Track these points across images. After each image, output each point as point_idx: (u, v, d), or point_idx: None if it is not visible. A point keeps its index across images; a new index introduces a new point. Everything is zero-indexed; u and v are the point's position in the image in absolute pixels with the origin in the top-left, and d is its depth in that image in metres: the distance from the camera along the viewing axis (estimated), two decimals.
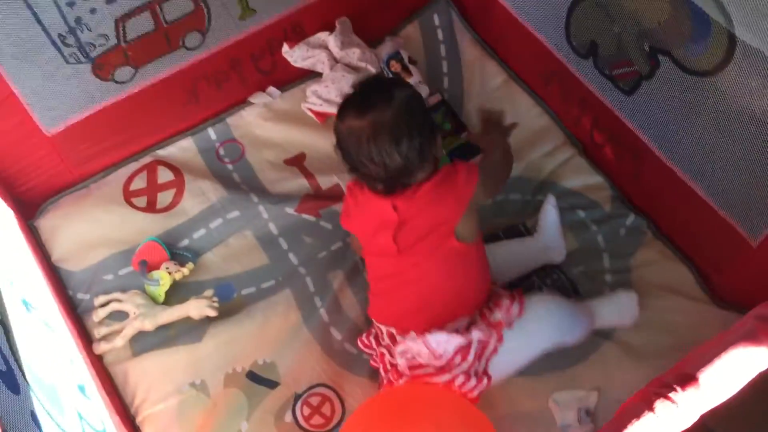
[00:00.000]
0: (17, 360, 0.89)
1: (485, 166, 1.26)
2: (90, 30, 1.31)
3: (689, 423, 0.62)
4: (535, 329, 1.23)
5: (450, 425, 1.11)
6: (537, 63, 1.58)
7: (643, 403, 0.59)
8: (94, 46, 1.35)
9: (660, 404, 0.58)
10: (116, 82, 1.43)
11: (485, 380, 1.21)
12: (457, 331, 1.19)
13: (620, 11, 1.30)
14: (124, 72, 1.43)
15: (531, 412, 1.28)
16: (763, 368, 0.65)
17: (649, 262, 1.43)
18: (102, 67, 1.39)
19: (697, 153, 1.32)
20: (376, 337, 1.29)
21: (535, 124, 1.60)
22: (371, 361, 1.31)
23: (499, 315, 1.21)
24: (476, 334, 1.18)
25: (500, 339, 1.20)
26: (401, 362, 1.21)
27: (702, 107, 1.25)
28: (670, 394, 0.59)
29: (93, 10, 1.29)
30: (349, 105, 1.18)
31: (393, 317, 1.24)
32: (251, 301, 1.41)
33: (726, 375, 0.61)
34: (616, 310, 1.33)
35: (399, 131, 1.13)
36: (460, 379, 1.18)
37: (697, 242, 1.42)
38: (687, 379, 0.59)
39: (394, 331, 1.23)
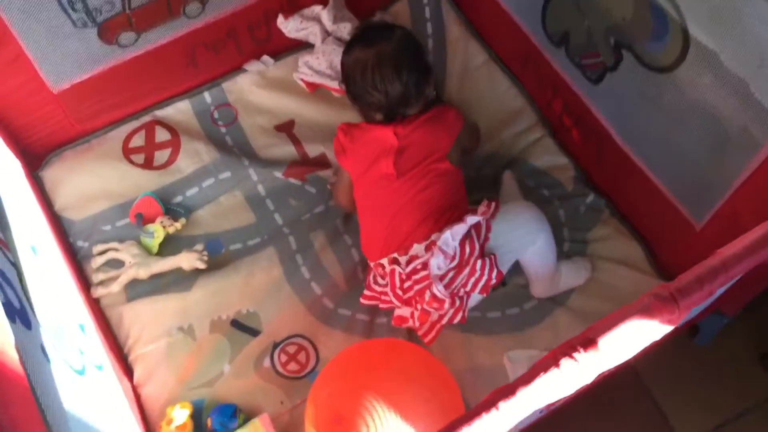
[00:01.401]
0: (28, 299, 1.01)
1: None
2: None
3: (588, 378, 0.75)
4: (511, 220, 1.36)
5: (415, 372, 1.23)
6: (516, 46, 1.68)
7: (551, 360, 0.72)
8: (101, 11, 1.44)
9: (564, 361, 0.71)
10: (120, 45, 1.52)
11: (495, 269, 1.32)
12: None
13: (590, 5, 1.40)
14: (127, 36, 1.52)
15: (487, 366, 1.41)
16: (653, 338, 0.78)
17: (604, 237, 1.55)
18: (107, 31, 1.48)
19: (652, 141, 1.43)
20: (374, 280, 1.39)
21: (510, 104, 1.70)
22: (380, 306, 1.40)
23: (481, 209, 1.34)
24: (470, 219, 1.30)
25: (488, 228, 1.33)
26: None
27: (658, 100, 1.36)
28: (574, 354, 0.71)
29: None
30: (356, 40, 1.39)
31: (396, 242, 1.34)
32: (238, 256, 1.53)
33: (621, 341, 0.73)
34: (573, 270, 1.47)
35: (400, 62, 1.33)
36: (479, 264, 1.30)
37: (649, 222, 1.54)
38: (589, 342, 0.72)
39: (396, 255, 1.33)
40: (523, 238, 1.38)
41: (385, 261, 1.35)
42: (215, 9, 1.58)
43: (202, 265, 1.49)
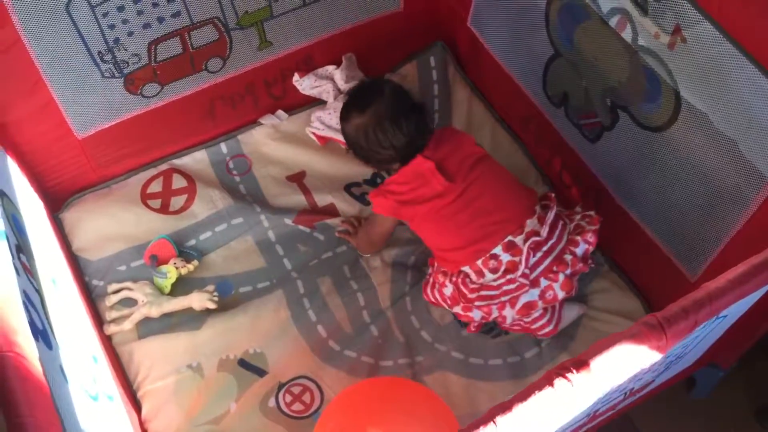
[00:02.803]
0: (50, 323, 1.06)
1: None
2: (126, 50, 1.50)
3: (581, 398, 0.79)
4: None
5: (418, 409, 1.27)
6: (518, 107, 1.77)
7: (545, 381, 0.76)
8: (128, 63, 1.53)
9: (558, 381, 0.75)
10: (143, 96, 1.62)
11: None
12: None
13: (588, 69, 1.49)
14: (151, 88, 1.61)
15: None
16: (642, 363, 0.82)
17: (602, 290, 1.60)
18: (132, 82, 1.57)
19: (647, 197, 1.50)
20: (471, 285, 1.40)
21: (513, 163, 1.77)
22: (500, 301, 1.39)
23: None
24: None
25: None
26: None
27: (653, 158, 1.43)
28: (568, 375, 0.76)
29: (130, 33, 1.48)
30: (350, 108, 1.48)
31: (497, 230, 1.38)
32: (247, 298, 1.58)
33: (612, 364, 0.78)
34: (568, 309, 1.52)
35: (396, 115, 1.42)
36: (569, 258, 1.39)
37: (645, 275, 1.59)
38: (582, 364, 0.76)
39: (511, 237, 1.37)
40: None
41: (497, 249, 1.37)
42: (235, 65, 1.68)
43: (212, 306, 1.54)
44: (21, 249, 1.12)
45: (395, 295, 1.59)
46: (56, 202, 1.68)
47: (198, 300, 1.54)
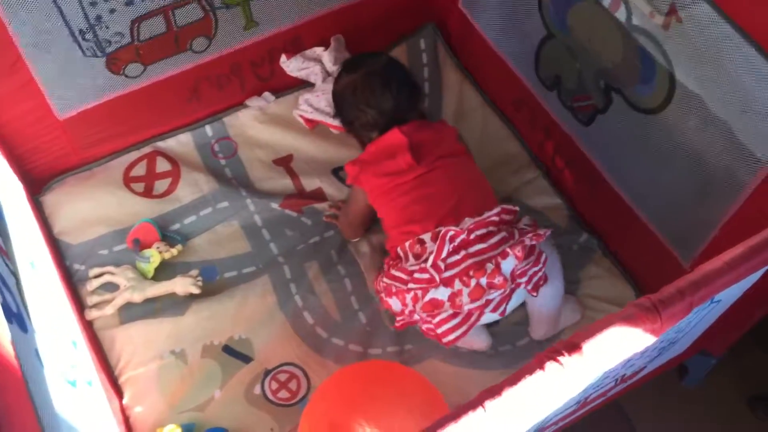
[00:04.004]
0: (26, 306, 1.02)
1: None
2: (107, 28, 1.46)
3: (573, 382, 0.77)
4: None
5: (409, 392, 1.24)
6: (509, 90, 1.74)
7: (537, 364, 0.74)
8: (110, 42, 1.49)
9: (549, 365, 0.73)
10: (126, 76, 1.57)
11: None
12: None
13: (581, 51, 1.46)
14: (134, 68, 1.57)
15: None
16: (636, 347, 0.80)
17: (596, 276, 1.58)
18: (115, 62, 1.53)
19: (641, 181, 1.48)
20: (400, 265, 1.36)
21: (504, 146, 1.75)
22: (407, 287, 1.33)
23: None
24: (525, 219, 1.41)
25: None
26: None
27: (647, 141, 1.41)
28: (559, 358, 0.73)
29: (112, 11, 1.43)
30: (343, 69, 1.49)
31: (437, 219, 1.33)
32: (232, 283, 1.55)
33: (604, 347, 0.75)
34: (569, 310, 1.49)
35: (388, 78, 1.43)
36: (543, 258, 1.34)
37: (639, 262, 1.57)
38: (574, 347, 0.74)
39: (441, 228, 1.30)
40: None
41: (426, 236, 1.33)
42: (221, 45, 1.64)
43: (196, 290, 1.51)
44: None
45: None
46: (36, 185, 1.64)
47: (181, 285, 1.51)
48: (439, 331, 1.36)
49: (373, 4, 1.77)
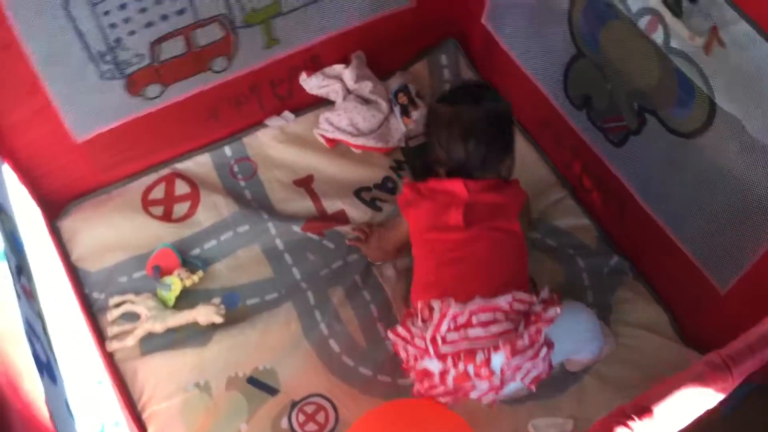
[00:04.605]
0: (53, 351, 0.98)
1: None
2: (127, 50, 1.42)
3: None
4: (572, 328, 1.32)
5: None
6: (534, 108, 1.69)
7: (603, 429, 0.70)
8: (130, 64, 1.45)
9: (619, 430, 0.69)
10: (145, 97, 1.53)
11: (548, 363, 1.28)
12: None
13: (614, 71, 1.42)
14: (153, 89, 1.53)
15: None
16: (707, 406, 0.76)
17: (628, 301, 1.53)
18: (134, 84, 1.49)
19: (676, 205, 1.43)
20: (411, 321, 1.31)
21: (530, 165, 1.71)
22: (407, 349, 1.30)
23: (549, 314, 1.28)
24: (537, 306, 1.28)
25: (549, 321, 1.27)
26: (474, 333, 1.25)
27: (683, 164, 1.37)
28: (629, 422, 0.70)
29: (132, 32, 1.40)
30: (450, 93, 1.40)
31: (454, 289, 1.28)
32: (255, 311, 1.51)
33: (676, 409, 0.72)
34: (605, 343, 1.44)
35: (472, 130, 1.31)
36: (542, 354, 1.25)
37: (672, 286, 1.53)
38: (643, 410, 0.70)
39: (451, 300, 1.26)
40: (580, 344, 1.37)
41: (436, 303, 1.28)
42: (241, 65, 1.60)
43: (219, 319, 1.47)
44: (21, 270, 1.04)
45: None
46: (54, 209, 1.60)
47: (204, 314, 1.47)
48: (429, 394, 1.33)
49: (394, 21, 1.73)
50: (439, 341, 1.26)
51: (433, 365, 1.28)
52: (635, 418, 0.70)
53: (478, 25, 1.76)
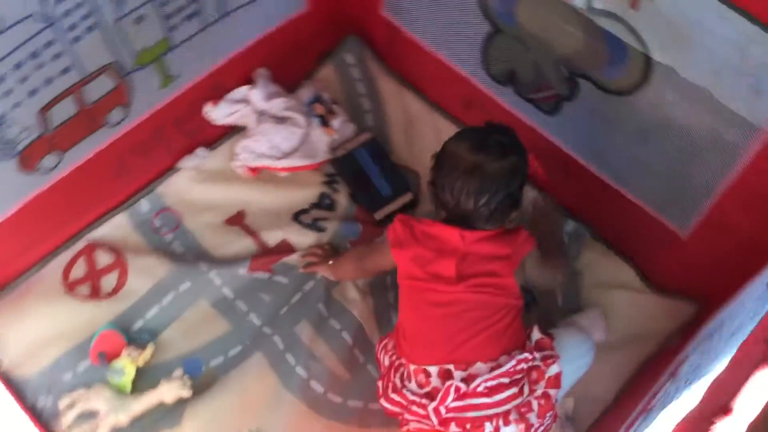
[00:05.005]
0: None
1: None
2: (14, 125, 1.24)
3: None
4: (567, 373, 1.26)
5: None
6: (455, 91, 1.64)
7: None
8: (18, 140, 1.28)
9: None
10: (43, 171, 1.36)
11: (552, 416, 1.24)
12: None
13: (536, 42, 1.38)
14: (50, 159, 1.36)
15: None
16: None
17: (593, 263, 1.53)
18: (28, 159, 1.32)
19: (620, 161, 1.43)
20: (401, 384, 1.25)
21: None
22: (405, 416, 1.24)
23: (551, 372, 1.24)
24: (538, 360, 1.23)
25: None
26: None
27: (623, 121, 1.35)
28: (712, 427, 0.66)
29: (16, 105, 1.22)
30: (473, 135, 1.24)
31: (450, 352, 1.21)
32: (223, 371, 1.39)
33: (752, 399, 0.69)
34: (592, 328, 1.42)
35: (488, 187, 1.18)
36: (535, 404, 1.20)
37: (634, 240, 1.52)
38: (723, 410, 0.67)
39: (452, 367, 1.20)
40: (579, 375, 1.34)
41: (433, 369, 1.21)
42: (139, 111, 1.45)
43: (186, 393, 1.34)
44: None
45: (383, 325, 1.45)
46: None
47: (168, 391, 1.34)
48: None
49: (290, 29, 1.62)
50: (443, 411, 1.20)
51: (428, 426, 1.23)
52: (717, 419, 0.66)
53: (377, 18, 1.68)
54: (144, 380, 1.37)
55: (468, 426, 1.19)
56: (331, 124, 1.63)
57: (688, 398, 0.89)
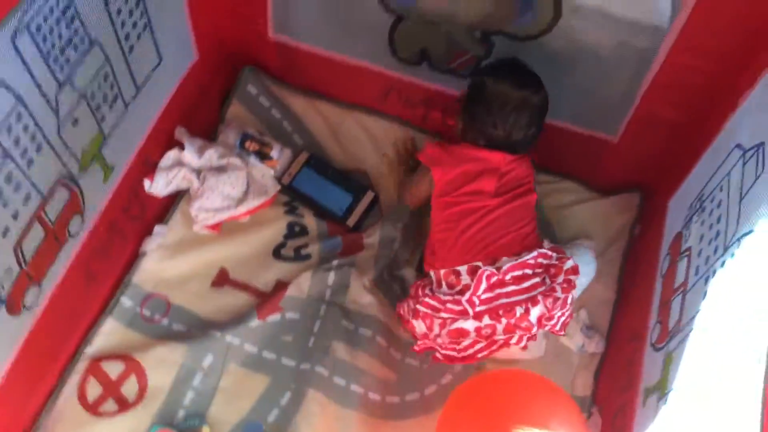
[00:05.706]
0: None
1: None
2: None
3: None
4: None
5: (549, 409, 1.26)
6: (367, 86, 1.70)
7: None
8: (2, 285, 1.19)
9: None
10: (28, 308, 1.27)
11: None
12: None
13: (444, 17, 1.46)
14: (32, 294, 1.27)
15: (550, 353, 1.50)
16: None
17: (545, 193, 1.66)
18: (14, 302, 1.22)
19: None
20: (431, 291, 1.38)
21: (392, 137, 1.73)
22: (440, 315, 1.34)
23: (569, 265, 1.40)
24: (554, 259, 1.40)
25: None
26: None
27: (541, 61, 1.46)
28: None
29: None
30: (512, 73, 1.42)
31: (479, 252, 1.37)
32: (285, 422, 1.40)
33: None
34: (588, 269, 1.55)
35: (534, 116, 1.40)
36: (570, 299, 1.37)
37: (571, 158, 1.68)
38: None
39: (480, 264, 1.35)
40: (589, 275, 1.51)
41: (463, 268, 1.36)
42: (91, 214, 1.39)
43: None
44: None
45: None
46: None
47: None
48: (463, 354, 1.39)
49: (190, 81, 1.60)
50: (476, 302, 1.32)
51: (468, 324, 1.33)
52: None
53: (266, 42, 1.69)
54: None
55: (501, 312, 1.32)
56: (270, 156, 1.64)
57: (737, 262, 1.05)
